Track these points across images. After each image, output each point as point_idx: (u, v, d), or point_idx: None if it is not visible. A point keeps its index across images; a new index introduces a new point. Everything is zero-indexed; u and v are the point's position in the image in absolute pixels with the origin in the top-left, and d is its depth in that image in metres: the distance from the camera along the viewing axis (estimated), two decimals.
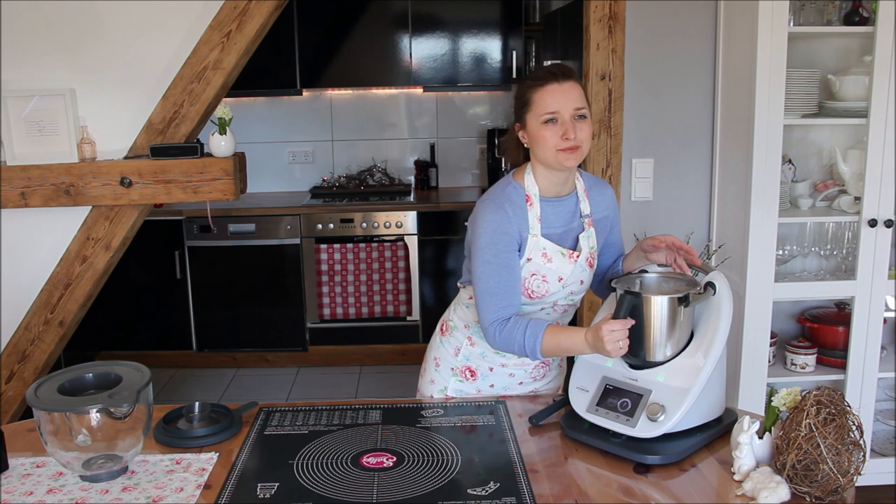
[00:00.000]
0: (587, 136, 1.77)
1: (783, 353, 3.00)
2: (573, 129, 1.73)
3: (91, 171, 2.68)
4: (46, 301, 2.80)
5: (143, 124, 2.76)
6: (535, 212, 1.81)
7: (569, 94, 1.74)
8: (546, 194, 1.83)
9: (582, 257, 1.84)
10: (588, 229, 1.87)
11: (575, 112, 1.74)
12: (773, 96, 2.67)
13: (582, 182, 1.90)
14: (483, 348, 1.96)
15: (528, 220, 1.80)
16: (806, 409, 1.41)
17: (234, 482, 1.52)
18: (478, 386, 1.99)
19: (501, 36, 4.68)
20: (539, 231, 1.81)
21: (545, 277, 1.82)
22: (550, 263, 1.81)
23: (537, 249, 1.81)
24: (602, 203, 1.92)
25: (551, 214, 1.83)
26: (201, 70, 2.71)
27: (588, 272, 1.88)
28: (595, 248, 1.89)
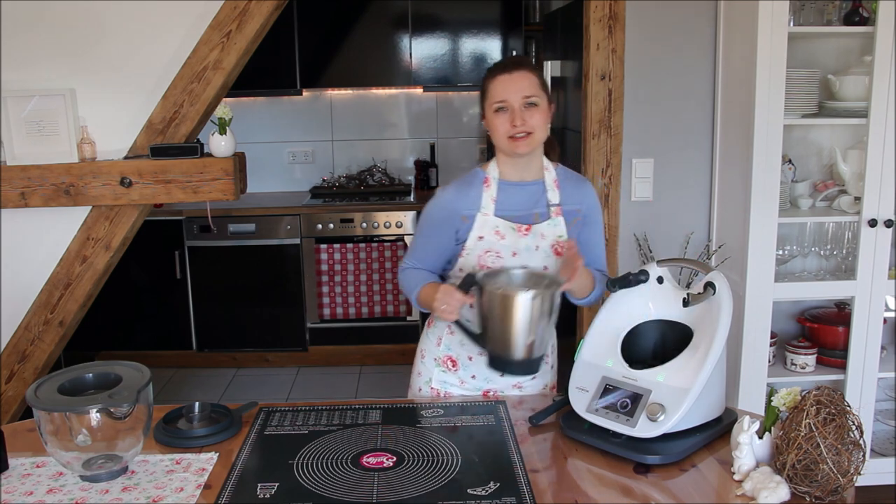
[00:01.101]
0: (539, 123, 1.85)
1: (783, 353, 3.00)
2: (521, 116, 1.82)
3: (91, 171, 2.68)
4: (46, 301, 2.80)
5: (143, 124, 2.76)
6: (490, 193, 1.91)
7: (518, 83, 1.83)
8: (508, 178, 1.94)
9: (546, 243, 1.89)
10: (555, 217, 1.91)
11: (524, 100, 1.83)
12: (773, 96, 2.67)
13: (553, 173, 1.96)
14: (461, 336, 1.99)
15: (481, 200, 1.90)
16: (806, 409, 1.41)
17: (234, 482, 1.52)
18: (460, 376, 2.02)
19: (501, 36, 4.68)
20: (492, 210, 1.90)
21: (499, 253, 1.89)
22: (504, 240, 1.89)
23: (488, 227, 1.89)
24: (575, 196, 1.96)
25: (511, 196, 1.92)
26: (201, 70, 2.71)
27: (554, 259, 1.91)
28: (564, 237, 1.91)
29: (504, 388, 2.00)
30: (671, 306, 1.75)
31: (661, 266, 1.82)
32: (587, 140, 3.02)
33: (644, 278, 1.78)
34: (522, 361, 1.69)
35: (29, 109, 2.66)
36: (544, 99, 1.87)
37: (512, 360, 1.69)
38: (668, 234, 3.10)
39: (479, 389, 2.01)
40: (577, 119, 3.19)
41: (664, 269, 1.81)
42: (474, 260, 1.91)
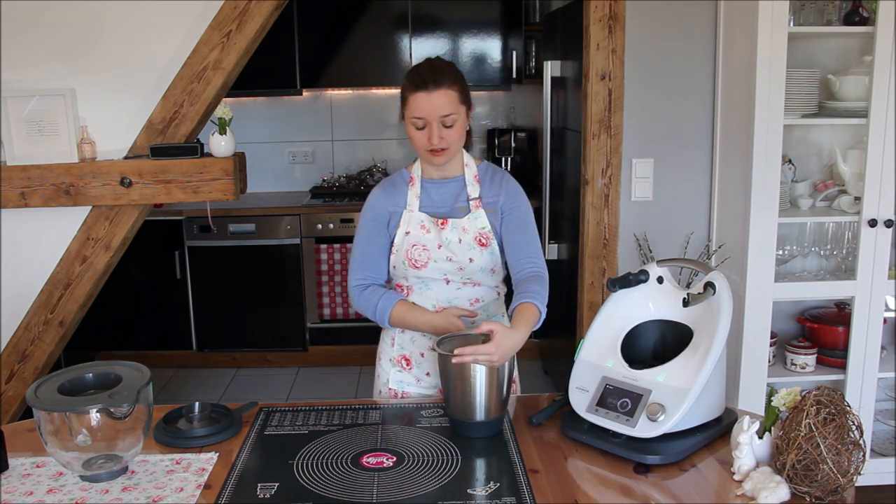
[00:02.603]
0: (455, 139, 1.90)
1: (783, 353, 3.00)
2: (438, 134, 1.87)
3: (91, 171, 2.68)
4: (46, 301, 2.80)
5: (143, 124, 2.76)
6: (415, 191, 1.99)
7: (436, 102, 1.85)
8: (431, 176, 2.00)
9: (468, 236, 1.93)
10: (476, 210, 1.95)
11: (441, 120, 1.87)
12: (773, 96, 2.67)
13: (474, 169, 2.00)
14: (412, 333, 2.02)
15: (406, 198, 1.99)
16: (806, 409, 1.41)
17: (234, 482, 1.52)
18: (415, 374, 2.04)
19: (501, 36, 4.68)
20: (416, 207, 1.97)
21: (425, 246, 1.94)
22: (429, 234, 1.94)
23: (414, 222, 1.96)
24: (494, 190, 1.98)
25: (434, 194, 1.99)
26: (201, 70, 2.71)
27: (479, 251, 1.93)
28: (488, 230, 1.94)
29: None
30: (671, 306, 1.75)
31: (661, 266, 1.82)
32: (587, 140, 3.02)
33: (644, 278, 1.78)
34: (482, 423, 1.69)
35: (29, 109, 2.66)
36: (462, 112, 1.90)
37: (472, 423, 1.69)
38: (668, 234, 3.10)
39: (435, 387, 2.02)
40: (577, 119, 3.19)
41: (664, 269, 1.81)
42: (403, 255, 1.96)
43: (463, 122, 1.92)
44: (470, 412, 1.68)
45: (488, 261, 1.95)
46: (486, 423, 1.69)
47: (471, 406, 1.68)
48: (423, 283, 1.98)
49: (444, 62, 1.93)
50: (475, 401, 1.67)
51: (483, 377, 1.66)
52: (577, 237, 3.25)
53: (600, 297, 3.10)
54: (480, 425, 1.69)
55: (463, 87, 1.91)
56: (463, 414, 1.69)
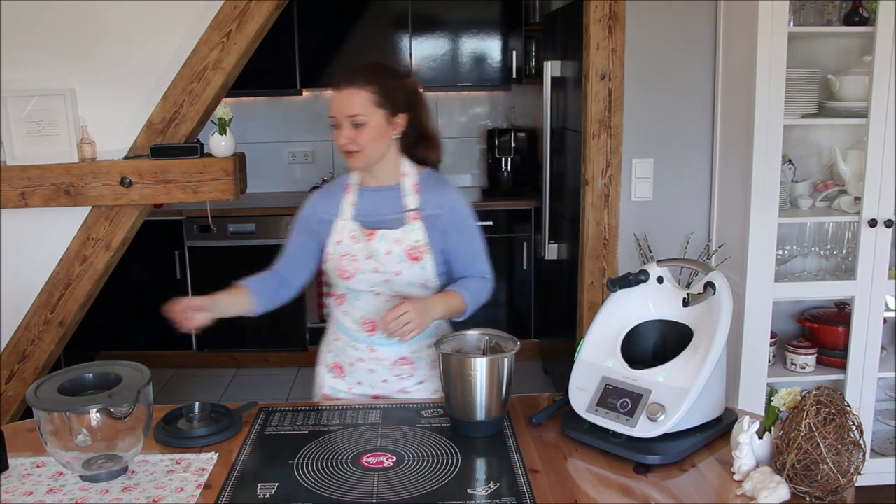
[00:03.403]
0: (368, 142, 1.84)
1: (783, 353, 3.00)
2: (347, 135, 1.83)
3: (91, 171, 2.68)
4: (46, 301, 2.80)
5: (143, 124, 2.76)
6: (350, 199, 1.95)
7: (345, 101, 1.82)
8: (366, 183, 1.96)
9: (400, 248, 1.88)
10: (412, 223, 1.89)
11: (349, 119, 1.82)
12: (773, 96, 2.67)
13: (415, 178, 1.93)
14: (344, 343, 2.01)
15: (340, 206, 1.95)
16: (806, 409, 1.41)
17: (234, 482, 1.52)
18: (348, 382, 2.03)
19: (501, 36, 4.68)
20: (350, 216, 1.93)
21: (354, 256, 1.91)
22: (358, 244, 1.90)
23: (345, 231, 1.92)
24: (435, 201, 1.91)
25: (369, 201, 1.94)
26: (201, 70, 2.71)
27: (409, 264, 1.88)
28: (423, 243, 1.88)
29: (391, 392, 2.00)
30: (671, 306, 1.75)
31: (661, 266, 1.81)
32: (587, 140, 3.02)
33: (644, 278, 1.78)
34: (482, 423, 1.70)
35: (29, 109, 2.66)
36: (378, 114, 1.83)
37: (472, 422, 1.70)
38: (668, 234, 3.10)
39: (368, 396, 2.01)
40: (577, 119, 3.19)
41: (664, 269, 1.80)
42: (334, 265, 1.94)
43: (378, 127, 1.84)
44: (470, 412, 1.68)
45: (418, 275, 1.90)
46: (486, 422, 1.69)
47: (471, 406, 1.68)
48: (354, 294, 1.95)
49: (374, 63, 1.89)
50: (475, 400, 1.67)
51: (483, 377, 1.66)
52: (577, 237, 3.25)
53: (600, 297, 3.10)
54: (480, 425, 1.69)
55: (384, 90, 1.83)
56: (463, 413, 1.69)
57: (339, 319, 2.02)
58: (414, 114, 1.92)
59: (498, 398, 1.69)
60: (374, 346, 1.97)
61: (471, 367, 1.66)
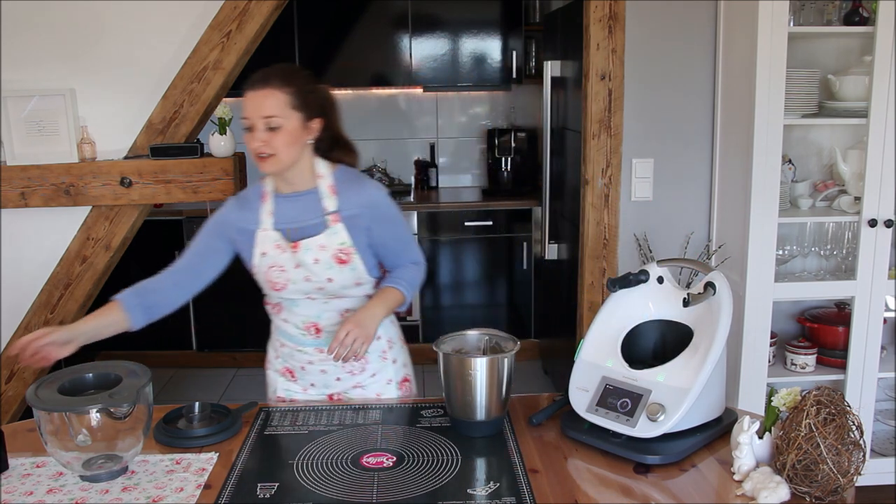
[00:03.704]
0: (282, 145, 1.78)
1: (783, 353, 3.00)
2: (260, 137, 1.76)
3: (91, 171, 2.68)
4: (46, 301, 2.80)
5: (143, 124, 2.76)
6: (267, 207, 1.89)
7: (260, 102, 1.77)
8: (281, 190, 1.90)
9: (326, 254, 1.84)
10: (334, 226, 1.85)
11: (264, 121, 1.76)
12: (773, 96, 2.67)
13: (330, 179, 1.89)
14: (290, 349, 1.99)
15: (259, 216, 1.89)
16: (806, 409, 1.41)
17: (234, 482, 1.52)
18: (301, 385, 2.02)
19: (501, 36, 4.68)
20: (270, 225, 1.88)
21: (282, 267, 1.87)
22: (284, 254, 1.86)
23: (269, 242, 1.87)
24: (354, 200, 1.87)
25: (288, 209, 1.89)
26: (201, 70, 2.71)
27: (338, 269, 1.86)
28: (348, 244, 1.85)
29: (346, 389, 2.00)
30: (671, 306, 1.75)
31: (661, 266, 1.81)
32: (587, 140, 3.02)
33: (644, 278, 1.78)
34: (482, 422, 1.70)
35: (29, 109, 2.66)
36: (294, 118, 1.79)
37: (472, 422, 1.70)
38: (668, 234, 3.10)
39: (323, 395, 2.01)
40: (577, 119, 3.19)
41: (664, 269, 1.81)
42: (263, 277, 1.90)
43: (294, 131, 1.79)
44: (470, 412, 1.68)
45: (349, 277, 1.87)
46: (486, 422, 1.69)
47: (471, 405, 1.68)
48: (290, 301, 1.93)
49: (289, 66, 1.86)
50: (475, 400, 1.67)
51: (483, 377, 1.66)
52: (577, 237, 3.25)
53: (600, 297, 3.10)
54: (481, 425, 1.69)
55: (301, 93, 1.81)
56: (463, 413, 1.69)
57: (281, 327, 2.00)
58: (328, 119, 1.89)
59: (498, 398, 1.69)
60: (322, 347, 1.94)
61: (471, 367, 1.66)
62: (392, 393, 2.02)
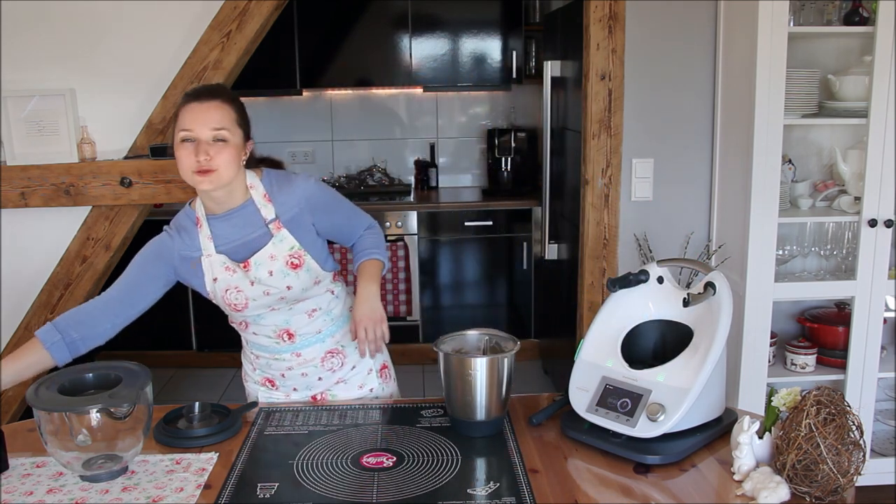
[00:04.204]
0: (225, 161, 1.73)
1: (783, 353, 3.00)
2: (206, 150, 1.71)
3: (91, 171, 2.68)
4: (46, 301, 2.80)
5: (143, 124, 2.76)
6: (204, 232, 1.83)
7: (207, 113, 1.73)
8: (214, 211, 1.83)
9: (279, 263, 1.81)
10: (279, 232, 1.82)
11: (212, 133, 1.72)
12: (773, 96, 2.67)
13: (260, 188, 1.84)
14: (266, 359, 1.97)
15: (199, 242, 1.84)
16: (806, 409, 1.41)
17: (234, 482, 1.52)
18: (283, 391, 2.02)
19: (501, 36, 4.68)
20: (213, 250, 1.83)
21: (238, 287, 1.82)
22: (235, 274, 1.82)
23: (217, 266, 1.82)
24: (289, 202, 1.84)
25: (226, 229, 1.83)
26: (201, 70, 2.71)
27: (294, 274, 1.83)
28: (298, 248, 1.83)
29: (328, 387, 2.00)
30: (671, 306, 1.75)
31: (661, 266, 1.81)
32: (587, 140, 3.02)
33: (644, 278, 1.78)
34: (482, 422, 1.70)
35: (29, 109, 2.66)
36: (238, 135, 1.77)
37: (472, 422, 1.70)
38: (668, 234, 3.10)
39: (306, 397, 2.01)
40: (577, 119, 3.19)
41: (664, 269, 1.81)
42: (221, 301, 1.86)
43: (237, 147, 1.76)
44: (470, 411, 1.69)
45: (307, 279, 1.85)
46: (486, 422, 1.69)
47: (471, 405, 1.68)
48: (256, 316, 1.90)
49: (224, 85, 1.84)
50: (475, 400, 1.67)
51: (483, 377, 1.66)
52: (577, 237, 3.25)
53: (600, 297, 3.10)
54: (480, 425, 1.69)
55: (241, 113, 1.80)
56: (463, 413, 1.69)
57: (252, 340, 1.98)
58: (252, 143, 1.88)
59: (498, 398, 1.69)
60: (299, 350, 1.94)
61: (471, 367, 1.66)
62: (373, 382, 2.03)
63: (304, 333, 1.93)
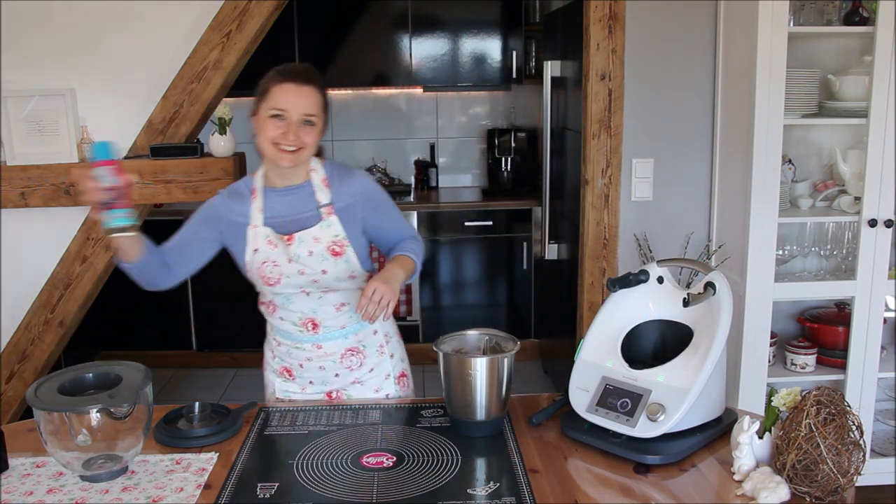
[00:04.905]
0: (311, 142, 1.82)
1: (783, 353, 3.00)
2: (296, 132, 1.79)
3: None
4: (46, 301, 2.80)
5: (143, 124, 2.76)
6: (257, 204, 1.90)
7: (301, 98, 1.80)
8: (274, 184, 1.91)
9: (320, 246, 1.86)
10: (328, 218, 1.88)
11: (303, 116, 1.80)
12: (773, 96, 2.67)
13: (322, 172, 1.92)
14: (287, 346, 1.99)
15: (250, 212, 1.90)
16: (806, 409, 1.41)
17: (234, 482, 1.52)
18: (299, 384, 2.02)
19: (501, 36, 4.68)
20: (261, 222, 1.89)
21: (275, 262, 1.87)
22: (276, 248, 1.87)
23: (260, 238, 1.88)
24: (346, 191, 1.90)
25: (279, 203, 1.90)
26: (201, 70, 2.71)
27: (332, 260, 1.87)
28: (342, 237, 1.88)
29: (344, 385, 2.00)
30: (671, 306, 1.75)
31: (661, 266, 1.81)
32: (587, 140, 3.02)
33: (644, 278, 1.78)
34: (482, 422, 1.70)
35: (29, 109, 2.67)
36: (322, 119, 1.85)
37: (472, 422, 1.70)
38: (668, 234, 3.10)
39: (321, 393, 2.01)
40: (577, 119, 3.19)
41: (664, 269, 1.81)
42: (255, 273, 1.90)
43: (320, 132, 1.85)
44: (470, 412, 1.69)
45: (343, 269, 1.89)
46: (486, 422, 1.69)
47: (471, 405, 1.68)
48: (284, 297, 1.92)
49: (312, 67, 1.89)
50: (475, 400, 1.67)
51: (483, 377, 1.67)
52: (577, 237, 3.25)
53: (600, 297, 3.10)
54: (480, 425, 1.69)
55: (326, 98, 1.87)
56: (463, 413, 1.69)
57: (277, 325, 2.00)
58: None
59: (498, 398, 1.69)
60: (321, 342, 1.95)
61: (471, 367, 1.66)
62: (390, 388, 2.03)
63: (329, 326, 1.94)
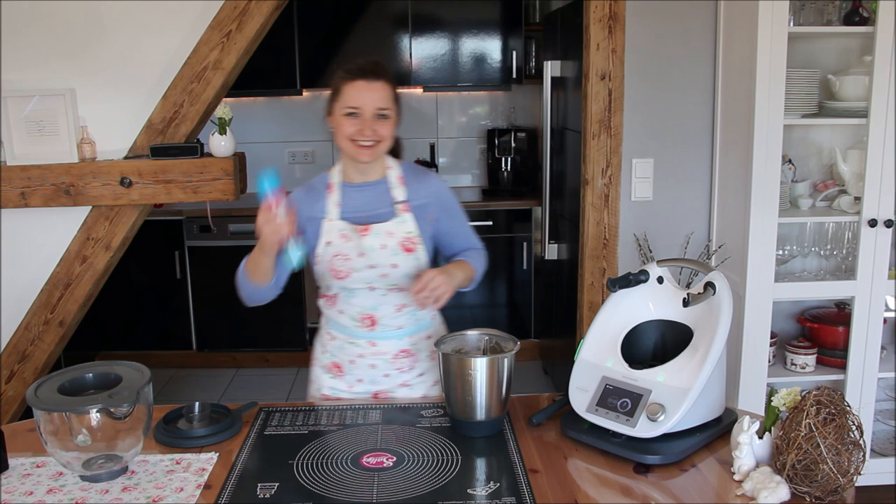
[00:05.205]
0: (387, 135, 1.88)
1: (783, 353, 3.00)
2: (371, 126, 1.84)
3: (91, 171, 2.68)
4: (46, 301, 2.80)
5: (143, 124, 2.76)
6: (334, 198, 1.94)
7: (375, 93, 1.85)
8: (351, 180, 1.95)
9: (393, 241, 1.90)
10: (402, 214, 1.92)
11: (377, 111, 1.85)
12: (773, 96, 2.67)
13: (398, 170, 1.97)
14: (341, 341, 2.00)
15: (326, 206, 1.93)
16: (806, 409, 1.41)
17: (234, 482, 1.52)
18: (347, 381, 2.02)
19: (501, 36, 4.68)
20: (336, 215, 1.92)
21: (346, 256, 1.89)
22: (349, 242, 1.89)
23: (334, 232, 1.91)
24: (422, 191, 1.96)
25: (355, 198, 1.94)
26: (201, 70, 2.71)
27: (404, 256, 1.90)
28: (415, 234, 1.92)
29: (392, 387, 2.00)
30: (671, 306, 1.75)
31: (661, 266, 1.81)
32: (587, 140, 3.02)
33: (644, 278, 1.78)
34: (482, 422, 1.70)
35: (29, 109, 2.66)
36: (395, 111, 1.90)
37: (472, 422, 1.70)
38: (668, 234, 3.10)
39: (368, 392, 2.01)
40: (577, 119, 3.19)
41: (664, 269, 1.81)
42: (326, 266, 1.92)
43: (395, 124, 1.91)
44: (470, 411, 1.69)
45: (412, 265, 1.91)
46: (486, 422, 1.69)
47: (471, 405, 1.68)
48: (348, 292, 1.95)
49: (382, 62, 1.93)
50: (475, 400, 1.68)
51: (483, 377, 1.67)
52: (577, 237, 3.25)
53: (600, 297, 3.10)
54: (481, 425, 1.69)
55: (396, 91, 1.91)
56: (463, 413, 1.69)
57: (335, 318, 2.02)
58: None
59: (498, 398, 1.69)
60: (375, 340, 1.97)
61: (471, 367, 1.66)
62: (436, 395, 2.02)
63: (386, 325, 1.96)
